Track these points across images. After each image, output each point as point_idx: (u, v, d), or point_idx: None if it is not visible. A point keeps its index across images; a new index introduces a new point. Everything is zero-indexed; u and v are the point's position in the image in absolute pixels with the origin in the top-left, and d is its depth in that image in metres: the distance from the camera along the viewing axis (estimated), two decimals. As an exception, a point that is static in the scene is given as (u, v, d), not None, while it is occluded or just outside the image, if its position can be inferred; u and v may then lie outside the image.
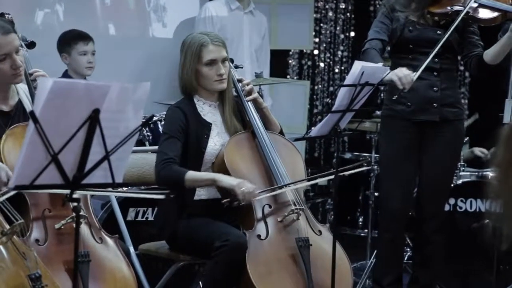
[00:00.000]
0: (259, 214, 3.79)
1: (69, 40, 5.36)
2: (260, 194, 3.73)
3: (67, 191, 2.60)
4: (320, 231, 3.88)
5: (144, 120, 2.72)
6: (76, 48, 5.32)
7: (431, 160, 4.46)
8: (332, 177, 3.81)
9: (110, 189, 3.90)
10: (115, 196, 4.42)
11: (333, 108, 3.78)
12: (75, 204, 2.61)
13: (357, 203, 5.87)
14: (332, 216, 6.00)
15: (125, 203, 4.55)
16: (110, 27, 6.16)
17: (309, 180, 4.09)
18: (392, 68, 4.23)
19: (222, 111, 3.99)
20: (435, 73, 4.43)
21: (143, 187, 4.60)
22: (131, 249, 4.14)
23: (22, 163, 2.47)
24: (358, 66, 3.71)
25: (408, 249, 5.27)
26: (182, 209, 3.87)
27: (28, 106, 3.55)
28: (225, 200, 3.69)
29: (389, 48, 4.65)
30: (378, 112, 5.51)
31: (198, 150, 3.88)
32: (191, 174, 3.73)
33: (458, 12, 4.27)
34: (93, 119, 2.53)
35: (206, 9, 6.19)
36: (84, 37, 5.36)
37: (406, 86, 4.16)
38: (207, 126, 3.93)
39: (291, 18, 6.89)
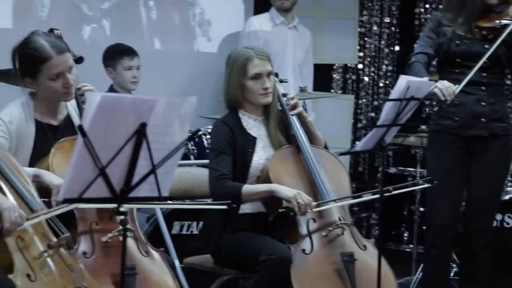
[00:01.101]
0: (303, 229, 3.78)
1: (115, 55, 5.39)
2: (316, 207, 3.72)
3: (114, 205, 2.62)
4: (365, 246, 3.85)
5: (190, 134, 2.73)
6: (122, 63, 5.36)
7: (479, 176, 4.42)
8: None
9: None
10: (162, 209, 4.45)
11: (378, 123, 3.77)
12: (122, 217, 2.63)
13: (402, 218, 5.83)
14: (377, 231, 5.96)
15: (170, 217, 4.58)
16: (155, 41, 6.23)
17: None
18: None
19: (267, 125, 3.99)
20: (482, 87, 4.39)
21: (187, 201, 4.63)
22: (176, 262, 4.15)
23: (71, 176, 2.50)
24: (403, 80, 3.70)
25: (454, 265, 5.22)
26: (227, 223, 3.88)
27: (76, 120, 3.59)
28: (281, 210, 3.69)
29: (435, 62, 4.63)
30: (423, 127, 5.48)
31: (244, 164, 3.89)
32: (247, 188, 3.75)
33: (506, 26, 4.24)
34: (140, 133, 2.55)
35: (250, 23, 6.22)
36: (129, 52, 5.40)
37: (447, 97, 4.14)
38: (252, 140, 3.94)
39: (336, 32, 6.89)
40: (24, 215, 2.90)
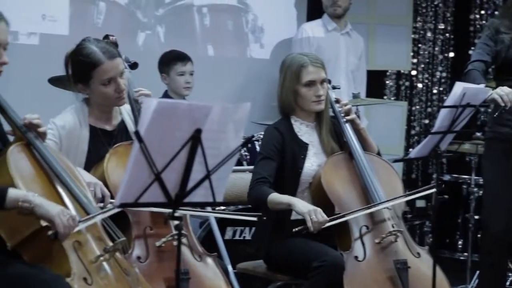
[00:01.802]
0: (356, 235, 3.77)
1: (168, 61, 5.46)
2: (328, 223, 3.67)
3: (169, 210, 2.64)
4: (418, 254, 3.82)
5: (244, 140, 2.74)
6: (175, 68, 5.42)
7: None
8: (433, 190, 3.73)
9: (208, 209, 3.96)
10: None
11: (434, 129, 3.74)
12: (177, 222, 2.65)
13: (456, 226, 5.77)
14: (431, 239, 5.92)
15: (223, 222, 4.59)
16: (209, 48, 6.26)
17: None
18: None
19: (319, 132, 3.99)
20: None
21: (240, 206, 4.64)
22: (229, 267, 4.16)
23: (127, 181, 2.52)
24: (459, 87, 3.68)
25: (510, 274, 5.15)
26: (279, 228, 3.88)
27: (130, 126, 3.62)
28: (295, 229, 3.68)
29: (490, 70, 4.59)
30: (478, 134, 5.42)
31: (295, 171, 3.89)
32: (272, 196, 3.74)
33: None
34: (195, 139, 2.56)
35: (303, 30, 6.22)
36: (182, 58, 5.44)
37: (508, 104, 4.10)
38: (304, 146, 3.93)
39: (389, 38, 6.85)
40: (76, 216, 2.92)
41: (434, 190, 3.73)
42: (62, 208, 2.89)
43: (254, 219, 3.42)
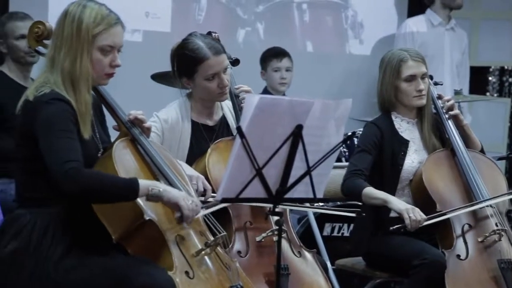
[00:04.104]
0: (458, 233, 3.71)
1: (265, 57, 5.54)
2: (426, 221, 3.62)
3: (270, 205, 2.65)
4: (523, 254, 3.74)
5: (345, 137, 2.73)
6: (270, 64, 5.48)
7: None
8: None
9: (306, 204, 3.97)
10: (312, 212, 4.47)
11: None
12: (278, 217, 2.66)
13: None
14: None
15: (321, 218, 4.58)
16: (308, 44, 6.27)
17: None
18: None
19: (421, 128, 3.94)
20: None
21: (339, 203, 4.63)
22: (328, 264, 4.15)
23: (229, 176, 2.55)
24: None
25: None
26: (379, 226, 3.85)
27: (231, 121, 3.66)
28: (392, 228, 3.63)
29: None
30: None
31: (395, 167, 3.85)
32: (368, 190, 3.71)
33: None
34: (296, 135, 2.58)
35: (406, 25, 6.17)
36: (277, 54, 5.49)
37: None
38: (405, 143, 3.90)
39: (493, 33, 6.72)
40: (199, 201, 2.97)
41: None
42: (185, 193, 2.95)
43: (353, 215, 3.39)
